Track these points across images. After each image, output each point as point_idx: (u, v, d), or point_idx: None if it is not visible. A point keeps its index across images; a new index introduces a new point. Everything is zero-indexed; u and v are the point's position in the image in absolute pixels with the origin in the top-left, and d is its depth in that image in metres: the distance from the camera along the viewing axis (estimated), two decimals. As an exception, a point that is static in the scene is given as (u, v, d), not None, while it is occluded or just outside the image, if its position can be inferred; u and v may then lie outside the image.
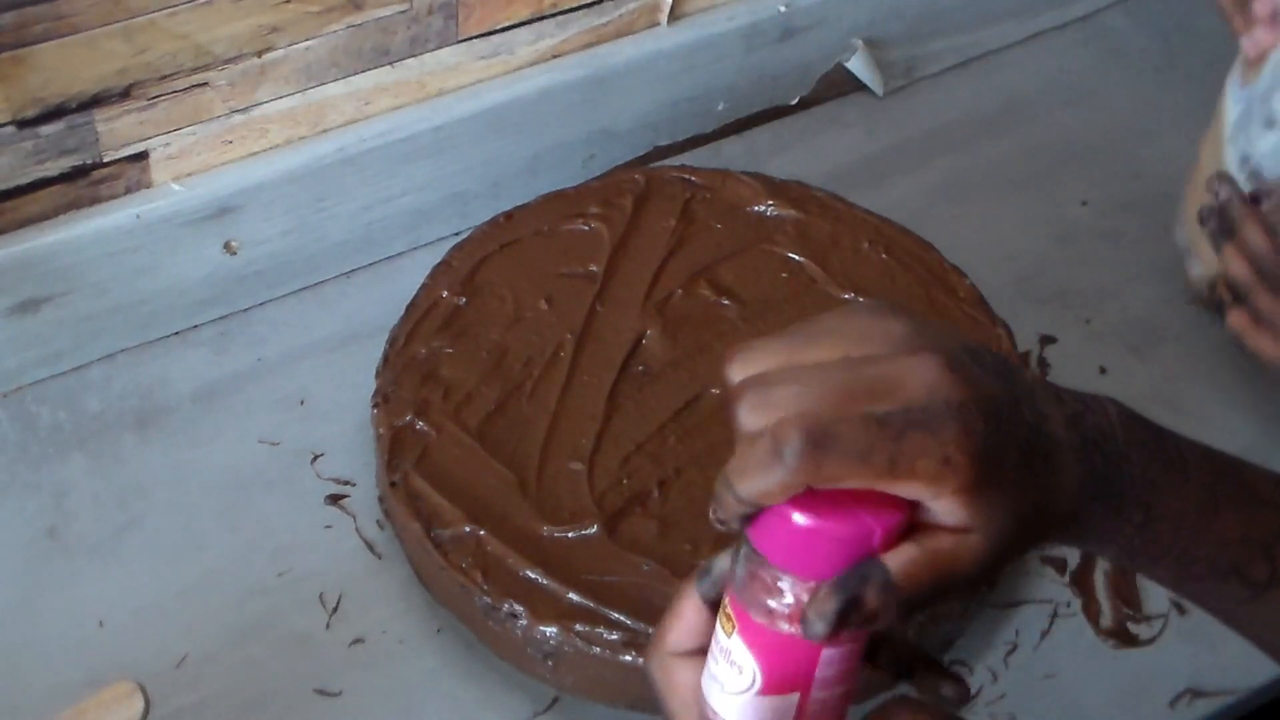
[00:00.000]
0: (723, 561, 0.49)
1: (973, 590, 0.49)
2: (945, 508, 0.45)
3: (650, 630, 0.69)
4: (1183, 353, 0.89)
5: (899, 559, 0.45)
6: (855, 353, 0.47)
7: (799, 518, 0.44)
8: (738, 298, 0.83)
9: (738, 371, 0.47)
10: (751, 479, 0.45)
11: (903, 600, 0.45)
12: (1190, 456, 0.53)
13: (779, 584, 0.46)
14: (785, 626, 0.46)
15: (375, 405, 0.78)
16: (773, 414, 0.45)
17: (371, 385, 0.79)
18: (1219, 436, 0.85)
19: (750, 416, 0.46)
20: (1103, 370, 0.88)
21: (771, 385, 0.46)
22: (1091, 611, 0.78)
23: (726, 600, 0.47)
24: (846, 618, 0.45)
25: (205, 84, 0.78)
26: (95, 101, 0.75)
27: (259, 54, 0.79)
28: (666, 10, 0.92)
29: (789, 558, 0.45)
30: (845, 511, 0.45)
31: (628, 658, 0.69)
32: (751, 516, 0.46)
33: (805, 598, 0.45)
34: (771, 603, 0.46)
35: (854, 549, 0.45)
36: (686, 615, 0.50)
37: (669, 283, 0.83)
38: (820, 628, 0.45)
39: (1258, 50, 0.76)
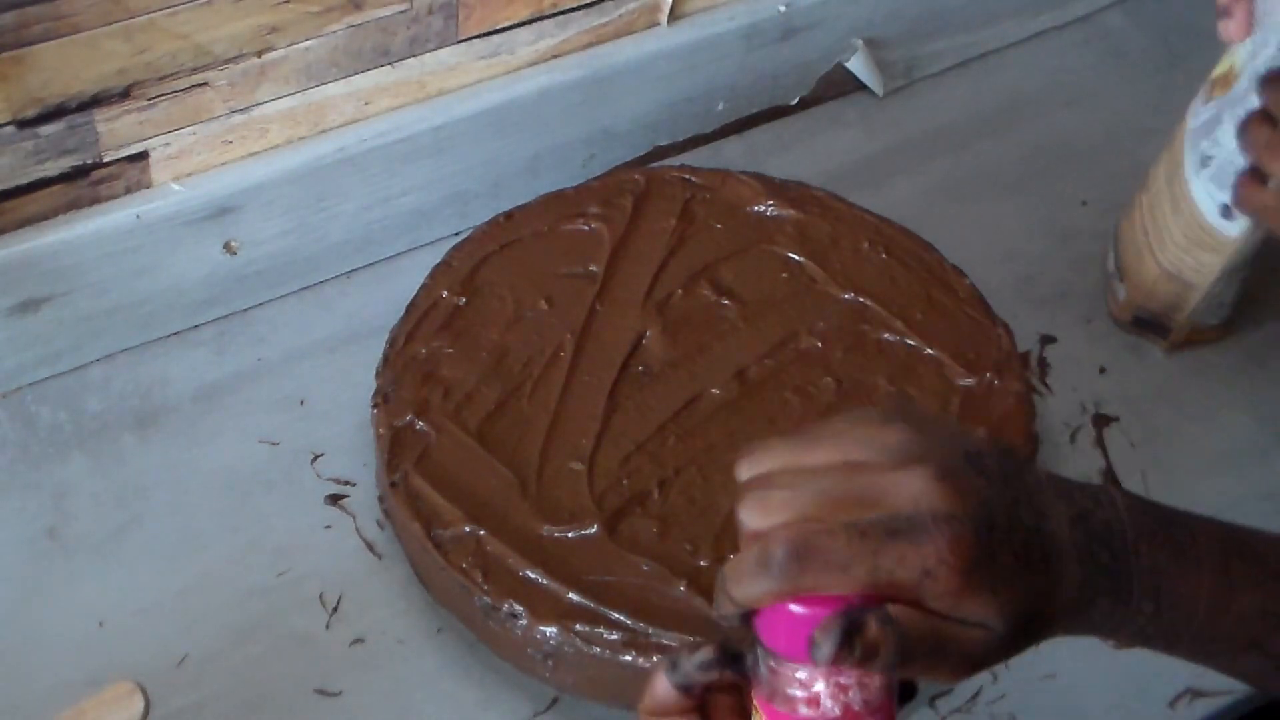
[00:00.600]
0: (690, 662, 0.51)
1: (978, 670, 0.50)
2: (939, 607, 0.48)
3: (650, 630, 0.69)
4: (1183, 352, 0.89)
5: (902, 609, 0.48)
6: (854, 459, 0.50)
7: (795, 608, 0.47)
8: (738, 298, 0.83)
9: (745, 471, 0.51)
10: (743, 585, 0.48)
11: (903, 640, 0.47)
12: (1201, 539, 0.53)
13: (796, 674, 0.48)
14: (805, 710, 0.48)
15: (375, 405, 0.78)
16: (768, 517, 0.49)
17: (371, 385, 0.79)
18: (1219, 436, 0.86)
19: (749, 517, 0.49)
20: (1102, 370, 0.88)
21: (770, 488, 0.50)
22: (1091, 611, 0.77)
23: (754, 696, 0.50)
24: (850, 641, 0.47)
25: (205, 84, 0.78)
26: (95, 101, 0.75)
27: (259, 54, 0.79)
28: (666, 10, 0.92)
29: (794, 647, 0.48)
30: (841, 599, 0.47)
31: (628, 658, 0.69)
32: (751, 615, 0.49)
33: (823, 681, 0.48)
34: (793, 691, 0.48)
35: None
36: (658, 693, 0.53)
37: (669, 283, 0.83)
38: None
39: (1227, 37, 0.77)
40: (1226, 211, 0.79)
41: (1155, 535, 0.52)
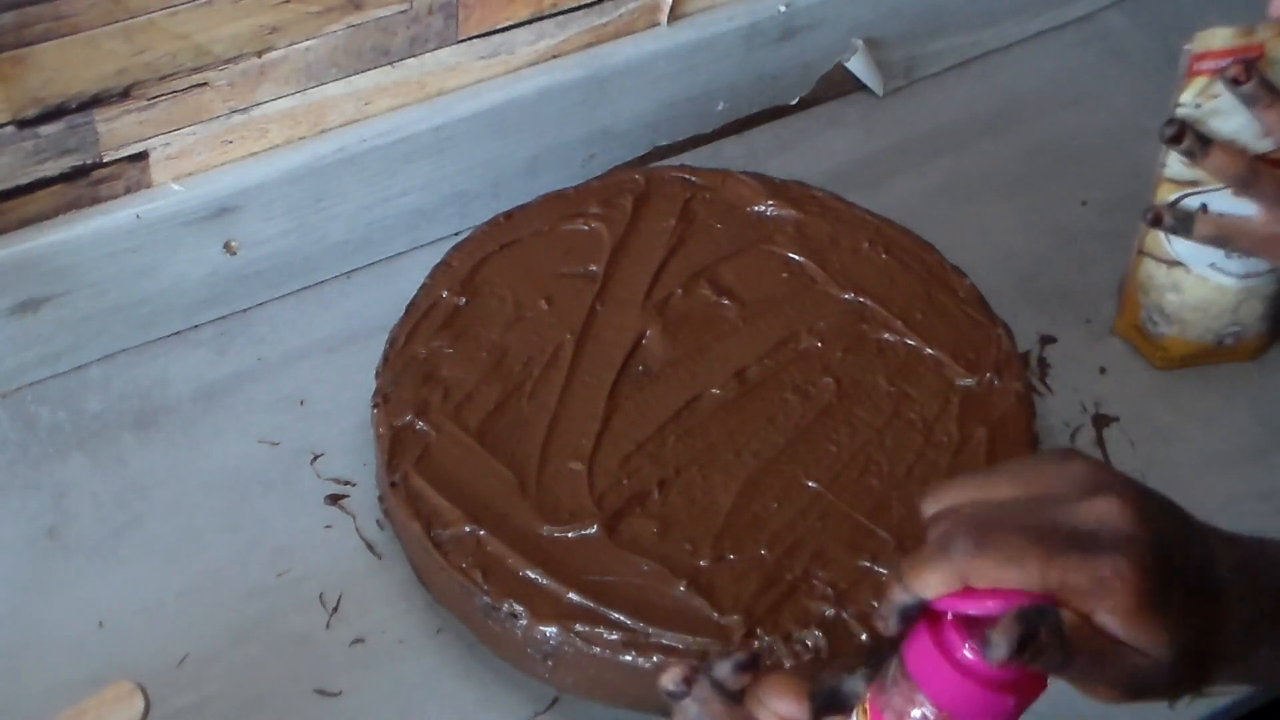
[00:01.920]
0: (724, 665, 0.52)
1: (1139, 698, 0.53)
2: (1108, 624, 0.50)
3: (650, 630, 0.69)
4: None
5: (1071, 616, 0.50)
6: (1039, 491, 0.52)
7: (958, 655, 0.49)
8: (738, 298, 0.83)
9: (930, 506, 0.54)
10: (919, 572, 0.50)
11: (1069, 646, 0.50)
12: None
13: (915, 697, 0.50)
14: None
15: (375, 405, 0.78)
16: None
17: (371, 385, 0.79)
18: (1219, 436, 0.86)
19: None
20: (1102, 370, 0.88)
21: (959, 515, 0.52)
22: (1091, 611, 0.77)
23: (867, 694, 0.52)
24: (1024, 646, 0.48)
25: (205, 84, 0.78)
26: (95, 101, 0.75)
27: (259, 54, 0.79)
28: (666, 10, 0.92)
29: (930, 685, 0.50)
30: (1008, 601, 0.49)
31: (628, 658, 0.69)
32: (908, 624, 0.51)
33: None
34: (910, 710, 0.50)
35: (991, 699, 0.50)
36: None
37: (669, 283, 0.83)
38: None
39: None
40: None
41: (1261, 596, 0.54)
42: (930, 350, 0.81)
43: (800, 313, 0.83)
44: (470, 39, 0.86)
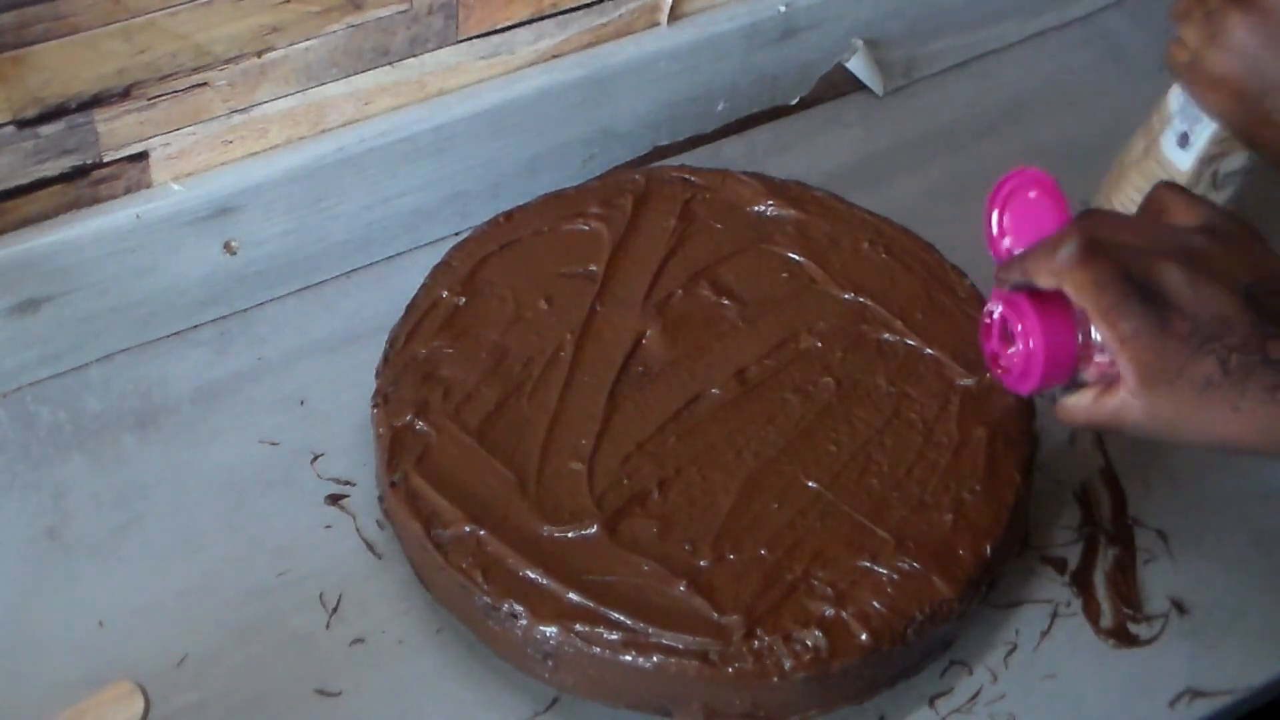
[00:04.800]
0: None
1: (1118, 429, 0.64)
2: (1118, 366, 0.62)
3: (650, 630, 0.69)
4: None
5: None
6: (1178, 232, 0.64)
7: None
8: (738, 298, 0.83)
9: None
10: (1032, 258, 0.63)
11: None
12: None
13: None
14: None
15: (375, 405, 0.78)
16: None
17: (371, 385, 0.79)
18: (1219, 436, 0.86)
19: None
20: (1103, 370, 0.88)
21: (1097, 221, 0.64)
22: (1091, 611, 0.78)
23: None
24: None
25: (205, 84, 0.78)
26: (95, 101, 0.75)
27: (259, 54, 0.79)
28: (666, 10, 0.92)
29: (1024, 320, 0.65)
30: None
31: (628, 658, 0.69)
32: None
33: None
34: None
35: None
36: None
37: (669, 283, 0.83)
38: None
39: None
40: (1184, 140, 0.83)
41: None
42: (930, 350, 0.81)
43: (800, 313, 0.83)
44: (470, 39, 0.86)
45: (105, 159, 0.78)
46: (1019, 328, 0.66)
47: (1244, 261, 0.62)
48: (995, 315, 0.68)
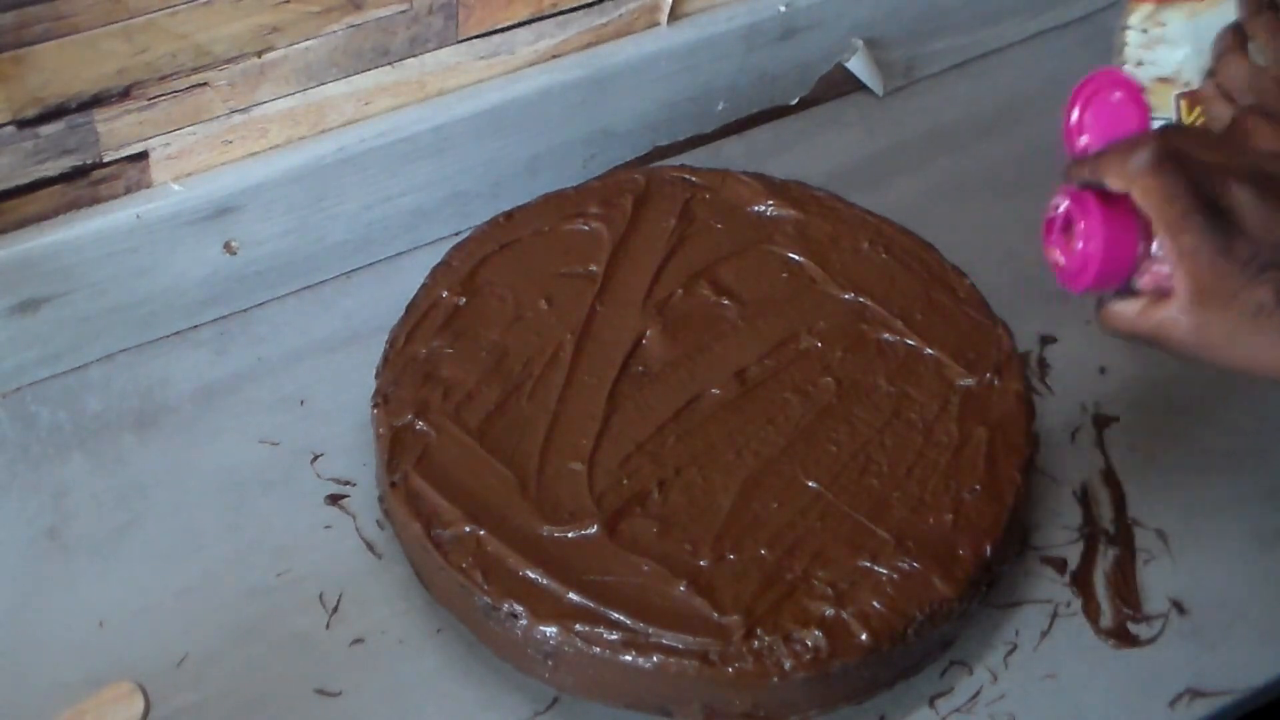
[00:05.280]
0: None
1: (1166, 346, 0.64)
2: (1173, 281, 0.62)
3: (650, 630, 0.69)
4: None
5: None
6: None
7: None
8: (738, 298, 0.83)
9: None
10: (1106, 158, 0.63)
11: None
12: None
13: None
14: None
15: (375, 405, 0.78)
16: None
17: (371, 385, 0.79)
18: (1219, 436, 0.86)
19: None
20: (1103, 370, 0.88)
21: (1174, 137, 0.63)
22: (1091, 611, 0.78)
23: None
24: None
25: (205, 84, 0.78)
26: (95, 101, 0.75)
27: (259, 54, 0.79)
28: (666, 10, 0.92)
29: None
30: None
31: (628, 658, 0.69)
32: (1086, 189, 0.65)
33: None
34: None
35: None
36: None
37: (669, 283, 0.83)
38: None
39: None
40: None
41: None
42: (930, 350, 0.81)
43: (800, 313, 0.83)
44: (470, 39, 0.86)
45: (105, 159, 0.78)
46: (1081, 225, 0.65)
47: None
48: (1060, 210, 0.67)
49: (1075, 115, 0.70)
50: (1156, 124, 0.68)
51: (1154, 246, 0.63)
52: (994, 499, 0.75)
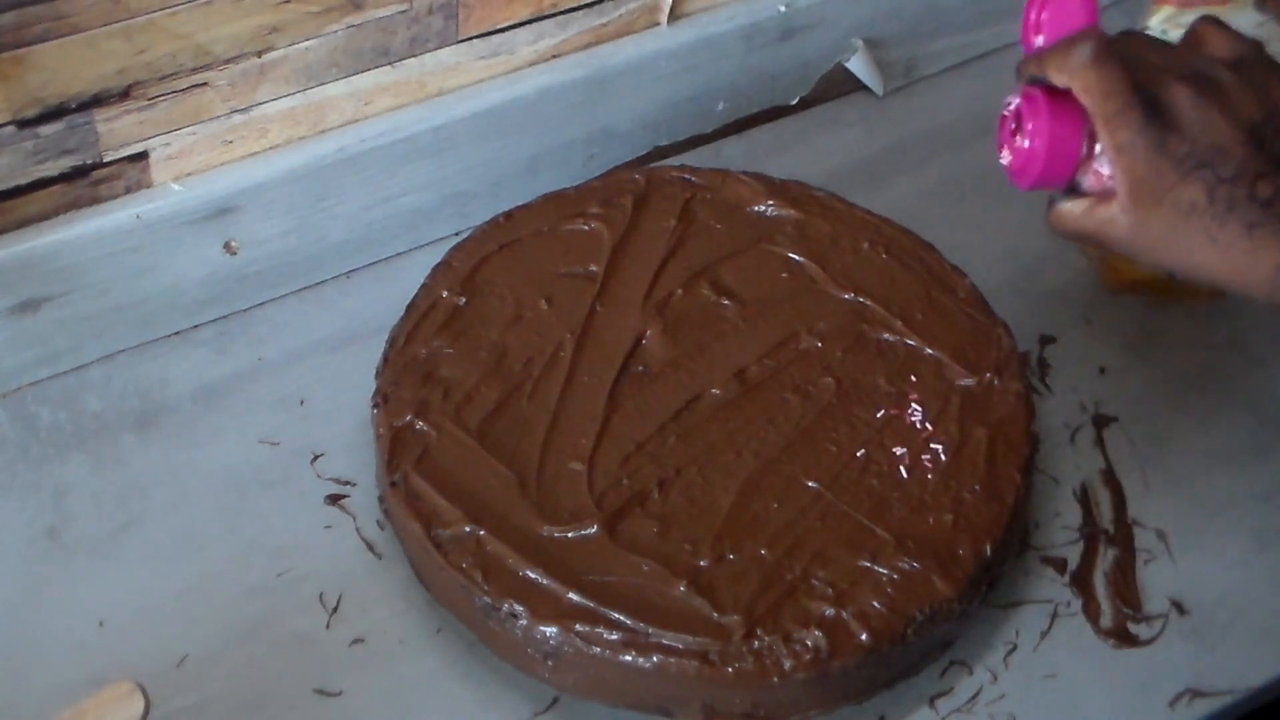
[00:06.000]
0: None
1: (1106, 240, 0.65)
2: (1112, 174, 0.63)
3: (650, 630, 0.69)
4: (1183, 353, 0.89)
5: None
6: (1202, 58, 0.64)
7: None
8: (738, 298, 0.83)
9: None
10: (1050, 54, 0.64)
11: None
12: None
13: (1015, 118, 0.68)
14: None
15: (375, 405, 0.78)
16: None
17: (371, 385, 0.79)
18: (1219, 436, 0.86)
19: None
20: (1102, 370, 0.88)
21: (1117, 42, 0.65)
22: (1091, 611, 0.78)
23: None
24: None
25: (205, 84, 0.78)
26: (95, 101, 0.75)
27: (259, 54, 0.79)
28: (666, 10, 0.92)
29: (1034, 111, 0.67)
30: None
31: (628, 658, 0.69)
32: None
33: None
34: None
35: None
36: None
37: (669, 283, 0.83)
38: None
39: None
40: None
41: None
42: (930, 350, 0.81)
43: (800, 313, 0.83)
44: (470, 39, 0.86)
45: (105, 159, 0.78)
46: (1028, 124, 0.66)
47: (1262, 100, 0.62)
48: (1010, 108, 0.68)
49: (1033, 15, 0.70)
50: None
51: (1097, 145, 0.64)
52: (994, 499, 0.75)
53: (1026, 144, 0.66)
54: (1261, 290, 0.62)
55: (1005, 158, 0.69)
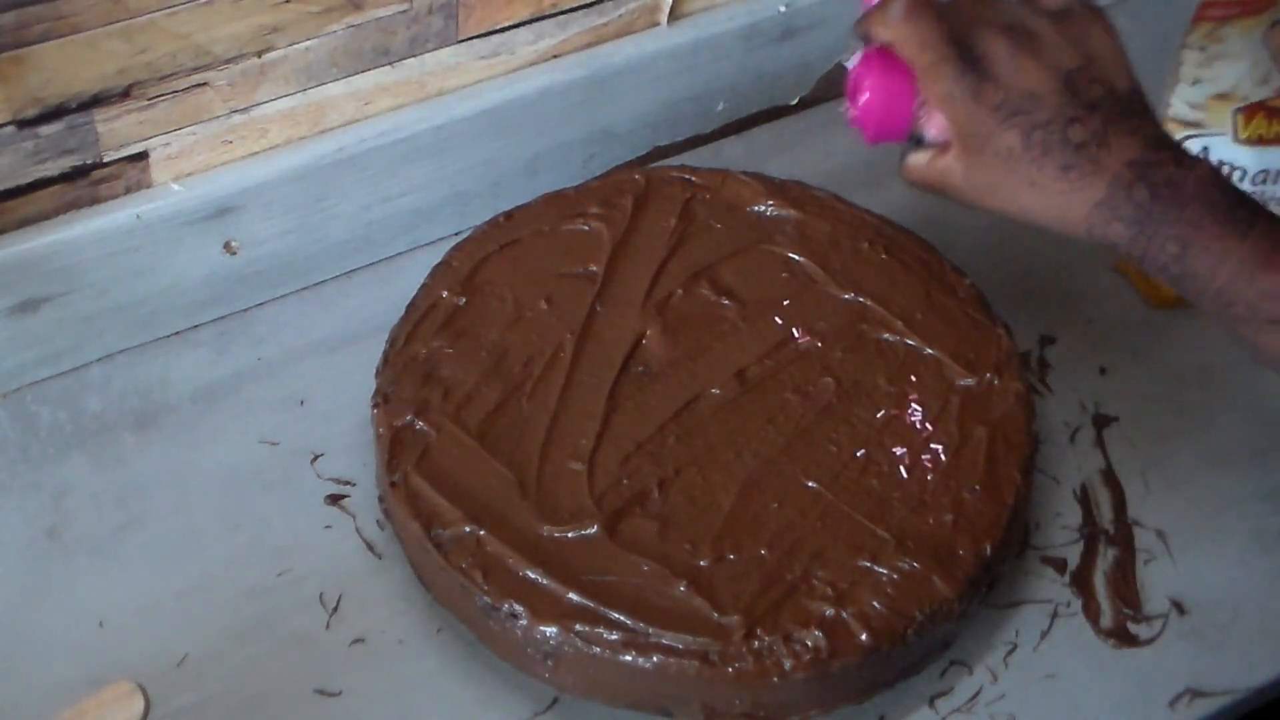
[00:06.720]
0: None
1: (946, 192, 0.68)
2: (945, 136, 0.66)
3: (650, 630, 0.69)
4: (1182, 353, 0.89)
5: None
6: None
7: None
8: (738, 298, 0.83)
9: None
10: (872, 12, 0.66)
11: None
12: (1262, 225, 0.62)
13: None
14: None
15: (375, 405, 0.78)
16: None
17: (371, 385, 0.79)
18: (1219, 436, 0.86)
19: None
20: (1102, 370, 0.88)
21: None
22: (1091, 611, 0.78)
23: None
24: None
25: (205, 84, 0.78)
26: (95, 101, 0.75)
27: (259, 54, 0.79)
28: (666, 10, 0.92)
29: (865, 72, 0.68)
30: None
31: (628, 658, 0.69)
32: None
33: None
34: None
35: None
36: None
37: (669, 283, 0.83)
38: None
39: None
40: None
41: (1212, 204, 0.62)
42: (930, 350, 0.81)
43: (800, 313, 0.83)
44: (470, 39, 0.86)
45: (105, 159, 0.78)
46: (864, 80, 0.68)
47: (1078, 48, 0.65)
48: (850, 66, 0.70)
49: None
50: None
51: None
52: (994, 499, 0.75)
53: (863, 99, 0.68)
54: (1079, 230, 0.64)
55: (848, 114, 0.70)
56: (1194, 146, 0.83)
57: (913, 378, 0.80)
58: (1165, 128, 0.84)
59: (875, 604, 0.70)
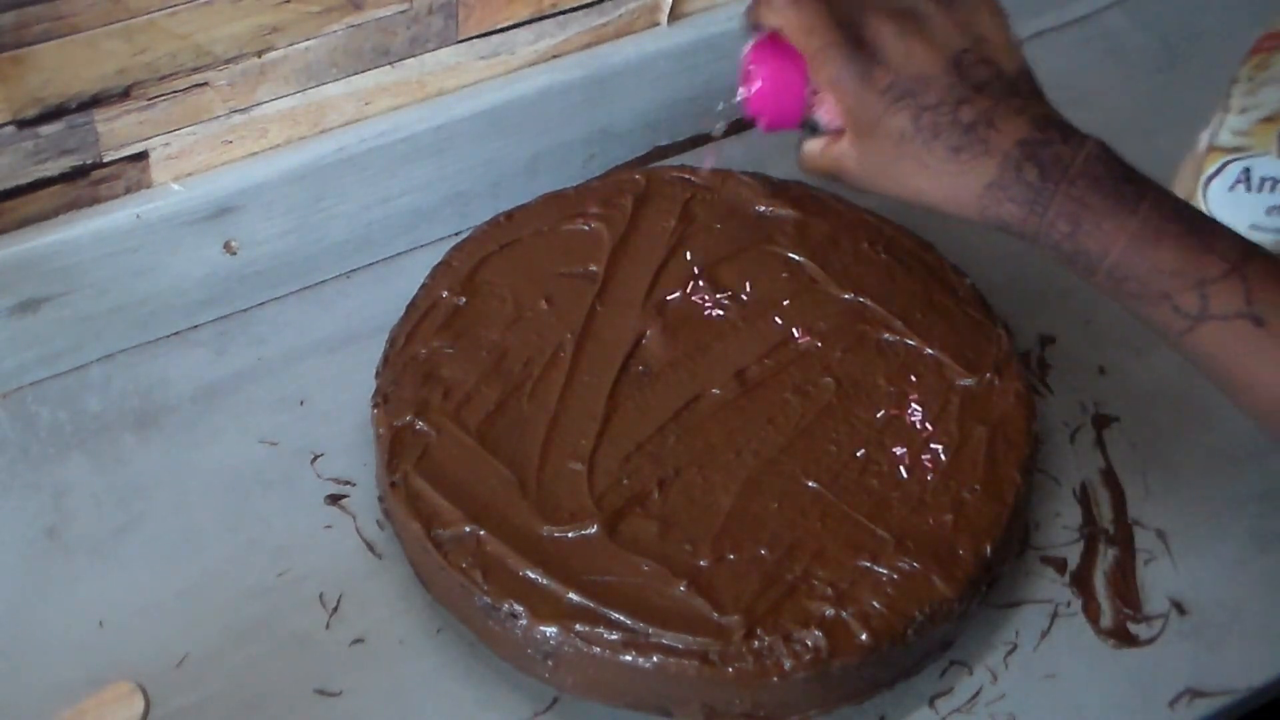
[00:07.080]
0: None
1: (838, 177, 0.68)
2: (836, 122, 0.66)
3: (650, 630, 0.69)
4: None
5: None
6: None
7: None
8: (738, 298, 0.83)
9: None
10: (758, 4, 0.66)
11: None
12: (1151, 200, 0.62)
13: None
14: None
15: (375, 405, 0.78)
16: None
17: (371, 385, 0.79)
18: (1220, 436, 0.86)
19: None
20: (1102, 370, 0.88)
21: None
22: (1091, 611, 0.78)
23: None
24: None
25: (205, 84, 0.78)
26: (95, 101, 0.75)
27: (259, 54, 0.79)
28: (666, 10, 0.92)
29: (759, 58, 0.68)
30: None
31: (628, 658, 0.69)
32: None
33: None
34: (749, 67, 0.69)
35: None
36: None
37: (669, 283, 0.83)
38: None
39: None
40: None
41: (1101, 181, 0.62)
42: (930, 350, 0.81)
43: (800, 313, 0.83)
44: (470, 39, 0.86)
45: (105, 159, 0.78)
46: (755, 68, 0.68)
47: (966, 31, 0.65)
48: (744, 55, 0.70)
49: None
50: None
51: None
52: (994, 499, 0.75)
53: (755, 86, 0.68)
54: (972, 211, 0.64)
55: (746, 102, 0.70)
56: (1236, 168, 0.84)
57: (912, 377, 0.80)
58: (1209, 156, 0.84)
59: (875, 604, 0.70)
